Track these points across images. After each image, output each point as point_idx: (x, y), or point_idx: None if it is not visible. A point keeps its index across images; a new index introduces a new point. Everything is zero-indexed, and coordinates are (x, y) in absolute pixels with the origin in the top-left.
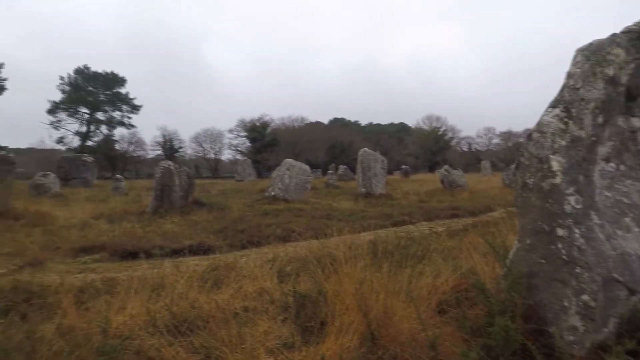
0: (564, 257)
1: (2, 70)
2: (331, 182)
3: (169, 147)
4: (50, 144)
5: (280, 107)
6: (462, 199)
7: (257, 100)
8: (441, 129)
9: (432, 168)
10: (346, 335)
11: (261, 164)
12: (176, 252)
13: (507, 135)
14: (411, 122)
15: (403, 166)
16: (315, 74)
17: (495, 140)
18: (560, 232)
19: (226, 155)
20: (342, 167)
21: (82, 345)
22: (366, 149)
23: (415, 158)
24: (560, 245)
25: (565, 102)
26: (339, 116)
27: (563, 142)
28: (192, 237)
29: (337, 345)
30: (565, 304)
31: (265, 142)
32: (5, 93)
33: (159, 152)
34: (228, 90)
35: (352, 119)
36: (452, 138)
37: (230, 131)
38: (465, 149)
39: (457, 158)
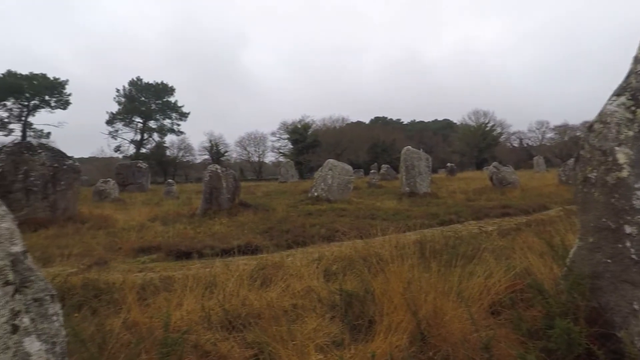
0: (633, 256)
1: (66, 86)
2: (374, 181)
3: (215, 151)
4: (109, 152)
5: (321, 108)
6: (514, 197)
7: (298, 102)
8: (489, 124)
9: (479, 165)
10: (395, 334)
11: (303, 165)
12: (225, 252)
13: (563, 129)
14: (456, 119)
15: (448, 164)
16: (355, 73)
17: (549, 135)
18: (628, 229)
19: (269, 157)
20: (384, 167)
21: (146, 338)
22: (409, 147)
23: (461, 155)
24: (628, 244)
25: (633, 90)
26: (381, 115)
27: (630, 133)
28: (239, 237)
29: (386, 343)
30: (636, 307)
31: (307, 143)
32: (70, 107)
33: (206, 156)
34: (270, 93)
35: (394, 118)
36: (500, 133)
37: (273, 134)
38: (515, 144)
39: (507, 154)
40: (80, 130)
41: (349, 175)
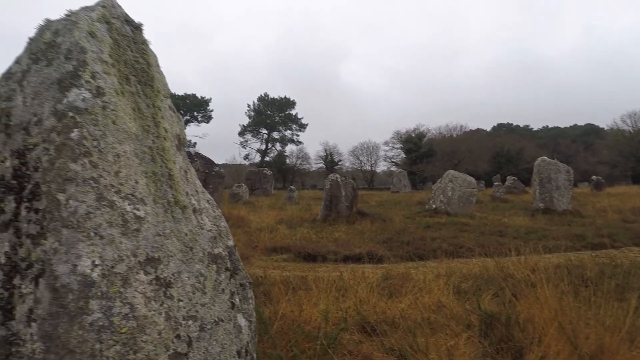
0: None
1: (210, 103)
2: (498, 194)
3: (330, 160)
4: (239, 160)
5: (434, 116)
6: None
7: (408, 111)
8: None
9: (636, 179)
10: None
11: (416, 175)
12: (348, 258)
13: None
14: (603, 123)
15: (594, 177)
16: (463, 77)
17: None
18: None
19: (381, 167)
20: (510, 178)
21: (296, 329)
22: (545, 157)
23: (611, 167)
24: None
25: None
26: (504, 121)
27: None
28: (360, 245)
29: None
30: None
31: (421, 153)
32: (211, 121)
33: (321, 165)
34: (376, 104)
35: (521, 124)
36: None
37: (386, 143)
38: None
39: None
40: (215, 140)
41: (472, 188)
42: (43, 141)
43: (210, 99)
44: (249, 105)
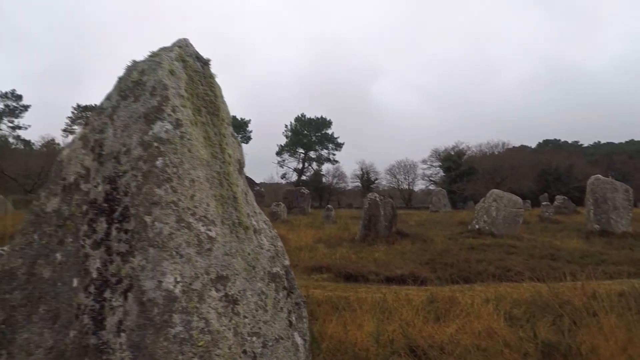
0: None
1: (249, 124)
2: (547, 215)
3: (366, 179)
4: (276, 179)
5: (475, 133)
6: None
7: (448, 128)
8: None
9: None
10: None
11: (456, 194)
12: (389, 280)
13: None
14: None
15: None
16: (506, 93)
17: None
18: None
19: (419, 185)
20: (559, 198)
21: (348, 350)
22: (599, 175)
23: None
24: None
25: None
26: (551, 137)
27: None
28: (401, 266)
29: None
30: None
31: (461, 171)
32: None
33: (357, 183)
34: (417, 121)
35: (569, 140)
36: None
37: (424, 161)
38: None
39: None
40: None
41: (518, 208)
42: (132, 168)
43: (250, 120)
44: (286, 126)
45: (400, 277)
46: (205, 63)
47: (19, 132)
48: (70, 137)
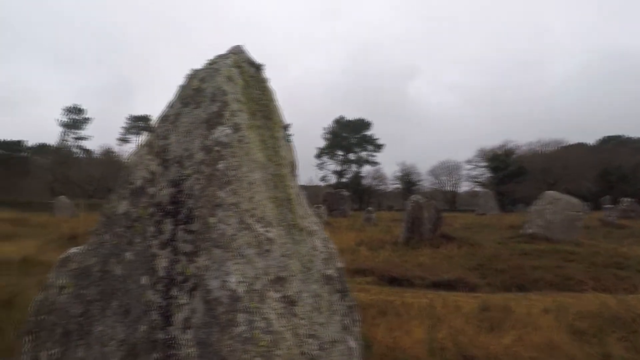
0: None
1: (289, 128)
2: (610, 219)
3: (407, 180)
4: (316, 181)
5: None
6: None
7: (493, 127)
8: None
9: None
10: None
11: (505, 196)
12: (435, 285)
13: None
14: None
15: None
16: (557, 88)
17: None
18: None
19: (463, 187)
20: (625, 200)
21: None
22: None
23: None
24: None
25: None
26: (612, 133)
27: None
28: (448, 271)
29: None
30: None
31: (509, 171)
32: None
33: (397, 185)
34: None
35: (634, 135)
36: None
37: (469, 162)
38: None
39: None
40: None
41: (577, 211)
42: (194, 172)
43: (291, 123)
44: (325, 129)
45: (447, 283)
46: (259, 68)
47: (82, 142)
48: (125, 145)
